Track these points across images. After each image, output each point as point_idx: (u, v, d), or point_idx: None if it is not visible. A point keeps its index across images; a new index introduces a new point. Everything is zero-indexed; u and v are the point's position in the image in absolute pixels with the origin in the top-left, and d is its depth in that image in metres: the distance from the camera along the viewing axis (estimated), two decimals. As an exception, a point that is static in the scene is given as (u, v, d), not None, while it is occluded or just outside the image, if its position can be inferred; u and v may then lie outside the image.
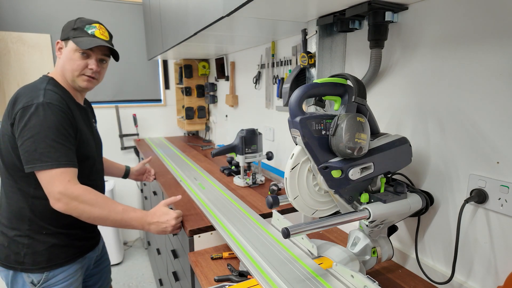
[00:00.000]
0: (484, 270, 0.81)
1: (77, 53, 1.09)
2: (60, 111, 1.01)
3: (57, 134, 0.98)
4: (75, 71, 1.11)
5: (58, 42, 1.14)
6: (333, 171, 0.72)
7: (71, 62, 1.10)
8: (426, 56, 0.89)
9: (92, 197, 1.02)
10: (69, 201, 0.98)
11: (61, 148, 0.98)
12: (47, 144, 0.97)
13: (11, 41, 2.52)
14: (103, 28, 1.17)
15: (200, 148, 2.68)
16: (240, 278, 0.93)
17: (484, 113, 0.77)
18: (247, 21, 1.21)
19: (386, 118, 1.04)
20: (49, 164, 0.96)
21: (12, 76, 2.54)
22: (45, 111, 0.98)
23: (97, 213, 1.02)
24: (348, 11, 0.96)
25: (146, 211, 1.14)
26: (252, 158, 1.63)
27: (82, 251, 1.19)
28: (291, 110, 0.73)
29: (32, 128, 0.96)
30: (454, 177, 0.86)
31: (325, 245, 0.97)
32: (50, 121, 0.98)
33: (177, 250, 1.52)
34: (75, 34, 1.10)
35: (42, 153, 0.96)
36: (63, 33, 1.13)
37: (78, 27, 1.10)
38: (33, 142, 0.96)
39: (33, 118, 0.97)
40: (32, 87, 1.05)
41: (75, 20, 1.13)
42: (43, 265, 1.08)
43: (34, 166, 0.97)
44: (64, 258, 1.12)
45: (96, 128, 1.33)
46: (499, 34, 0.72)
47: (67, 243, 1.13)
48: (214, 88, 2.78)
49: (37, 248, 1.08)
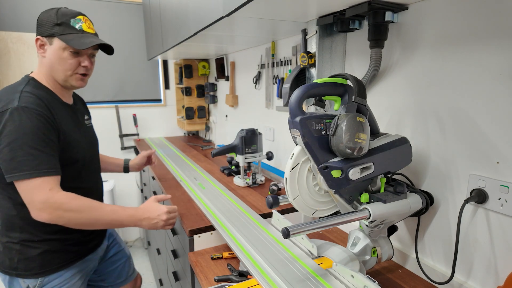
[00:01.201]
0: (484, 270, 0.81)
1: (67, 51, 1.02)
2: (37, 115, 0.94)
3: (34, 140, 0.92)
4: (67, 70, 1.04)
5: (38, 39, 1.03)
6: (333, 171, 0.72)
7: (61, 61, 1.03)
8: (426, 56, 0.89)
9: (77, 203, 0.97)
10: (52, 210, 0.93)
11: (39, 155, 0.92)
12: (25, 152, 0.91)
13: (11, 41, 2.52)
14: (88, 20, 1.08)
15: (200, 148, 2.68)
16: (240, 278, 0.93)
17: (484, 113, 0.77)
18: (247, 21, 1.21)
19: (386, 118, 1.04)
20: (27, 174, 0.91)
21: (12, 76, 2.54)
22: (20, 116, 0.91)
23: (85, 219, 0.98)
24: (348, 11, 0.96)
25: (137, 208, 1.09)
26: (252, 158, 1.63)
27: (79, 255, 1.14)
28: (291, 110, 0.73)
29: (8, 135, 0.90)
30: (454, 177, 0.86)
31: (325, 245, 0.97)
32: (26, 127, 0.91)
33: (177, 250, 1.52)
34: (61, 31, 1.01)
35: (20, 162, 0.90)
36: (43, 28, 1.02)
37: (62, 22, 1.01)
38: (10, 150, 0.90)
39: (8, 124, 0.90)
40: (9, 89, 0.99)
41: (55, 13, 1.02)
42: (36, 271, 1.05)
43: (12, 176, 0.91)
44: (58, 264, 1.08)
45: (90, 125, 1.27)
46: (499, 34, 0.72)
47: (60, 248, 1.08)
48: (214, 88, 2.78)
49: (29, 254, 1.04)
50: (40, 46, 1.04)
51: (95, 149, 1.27)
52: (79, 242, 1.14)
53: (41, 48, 1.05)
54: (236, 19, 1.16)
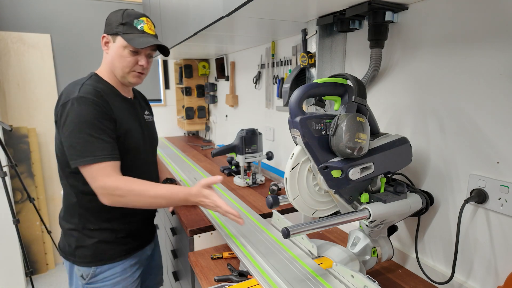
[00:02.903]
0: (484, 270, 0.81)
1: (127, 50, 1.08)
2: (93, 103, 1.00)
3: (91, 127, 0.98)
4: (125, 68, 1.10)
5: (104, 36, 1.10)
6: (333, 171, 0.72)
7: (121, 59, 1.09)
8: (426, 56, 0.89)
9: (133, 187, 1.01)
10: (110, 195, 0.99)
11: (96, 142, 0.98)
12: (84, 140, 0.97)
13: (11, 41, 2.52)
14: (150, 21, 1.15)
15: (200, 148, 2.68)
16: (240, 278, 0.93)
17: (484, 113, 0.77)
18: (247, 21, 1.21)
19: (386, 118, 1.04)
20: (87, 159, 0.97)
21: (12, 76, 2.54)
22: (79, 105, 0.98)
23: (142, 203, 1.03)
24: (348, 11, 0.96)
25: (189, 192, 1.06)
26: (252, 158, 1.63)
27: (129, 250, 1.18)
28: (291, 110, 0.73)
29: (70, 124, 0.98)
30: (454, 177, 0.86)
31: (325, 245, 0.97)
32: (84, 115, 0.98)
33: (177, 250, 1.52)
34: (125, 30, 1.07)
35: (80, 149, 0.97)
36: (109, 27, 1.09)
37: (126, 22, 1.08)
38: (72, 138, 0.98)
39: (70, 114, 0.98)
40: (73, 83, 1.06)
41: (122, 14, 1.09)
42: (90, 260, 1.11)
43: (75, 162, 0.98)
44: (110, 255, 1.13)
45: (150, 120, 1.31)
46: (499, 34, 0.72)
47: (112, 239, 1.13)
48: (214, 88, 2.78)
49: (85, 243, 1.11)
50: (105, 43, 1.11)
51: (153, 143, 1.31)
52: (129, 234, 1.18)
53: (106, 45, 1.12)
54: (236, 19, 1.16)
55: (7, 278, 2.39)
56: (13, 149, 2.50)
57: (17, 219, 2.08)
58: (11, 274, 2.40)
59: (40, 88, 2.64)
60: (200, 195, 1.05)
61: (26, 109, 2.61)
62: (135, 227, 1.19)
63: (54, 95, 2.69)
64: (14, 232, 2.28)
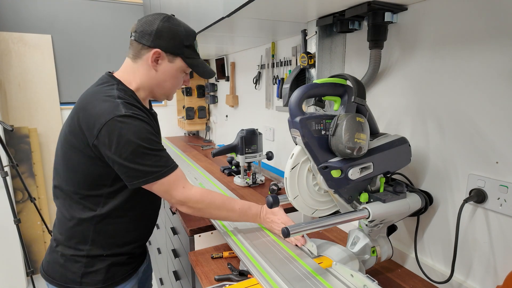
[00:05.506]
0: (483, 270, 0.81)
1: (183, 72, 1.05)
2: (143, 119, 0.94)
3: (152, 143, 0.93)
4: (175, 87, 1.06)
5: (157, 52, 0.97)
6: (332, 171, 0.73)
7: (174, 80, 1.04)
8: (426, 57, 0.89)
9: (214, 201, 1.03)
10: (190, 207, 1.00)
11: (161, 154, 0.95)
12: (150, 155, 0.92)
13: (12, 41, 2.52)
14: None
15: (200, 148, 2.69)
16: (240, 277, 0.94)
17: (483, 113, 0.77)
18: (247, 21, 1.22)
19: (385, 118, 1.05)
20: (162, 173, 0.94)
21: (13, 77, 2.55)
22: (133, 122, 0.90)
23: (217, 215, 1.05)
24: (347, 12, 0.96)
25: (259, 211, 1.12)
26: (252, 158, 1.63)
27: (135, 267, 1.13)
28: (291, 110, 0.73)
29: (127, 144, 0.89)
30: (453, 177, 0.86)
31: (325, 244, 0.98)
32: (141, 132, 0.91)
33: (177, 249, 1.53)
34: (188, 54, 1.01)
35: (151, 164, 0.92)
36: (169, 44, 0.97)
37: (190, 44, 1.01)
38: (135, 157, 0.90)
39: (124, 133, 0.89)
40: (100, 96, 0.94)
41: (185, 34, 0.99)
42: (100, 285, 1.02)
43: (145, 180, 0.92)
44: (121, 276, 1.06)
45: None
46: (499, 34, 0.72)
47: (124, 261, 1.07)
48: (214, 88, 2.79)
49: (95, 268, 1.01)
50: (156, 59, 0.99)
51: None
52: (138, 253, 1.14)
53: (155, 62, 0.99)
54: (236, 19, 1.16)
55: (8, 277, 2.40)
56: (14, 149, 2.51)
57: (18, 218, 2.08)
58: (12, 274, 2.41)
59: (41, 89, 2.65)
60: (268, 211, 1.10)
61: (27, 109, 2.62)
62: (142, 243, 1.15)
63: (55, 95, 2.70)
64: (15, 231, 2.28)
